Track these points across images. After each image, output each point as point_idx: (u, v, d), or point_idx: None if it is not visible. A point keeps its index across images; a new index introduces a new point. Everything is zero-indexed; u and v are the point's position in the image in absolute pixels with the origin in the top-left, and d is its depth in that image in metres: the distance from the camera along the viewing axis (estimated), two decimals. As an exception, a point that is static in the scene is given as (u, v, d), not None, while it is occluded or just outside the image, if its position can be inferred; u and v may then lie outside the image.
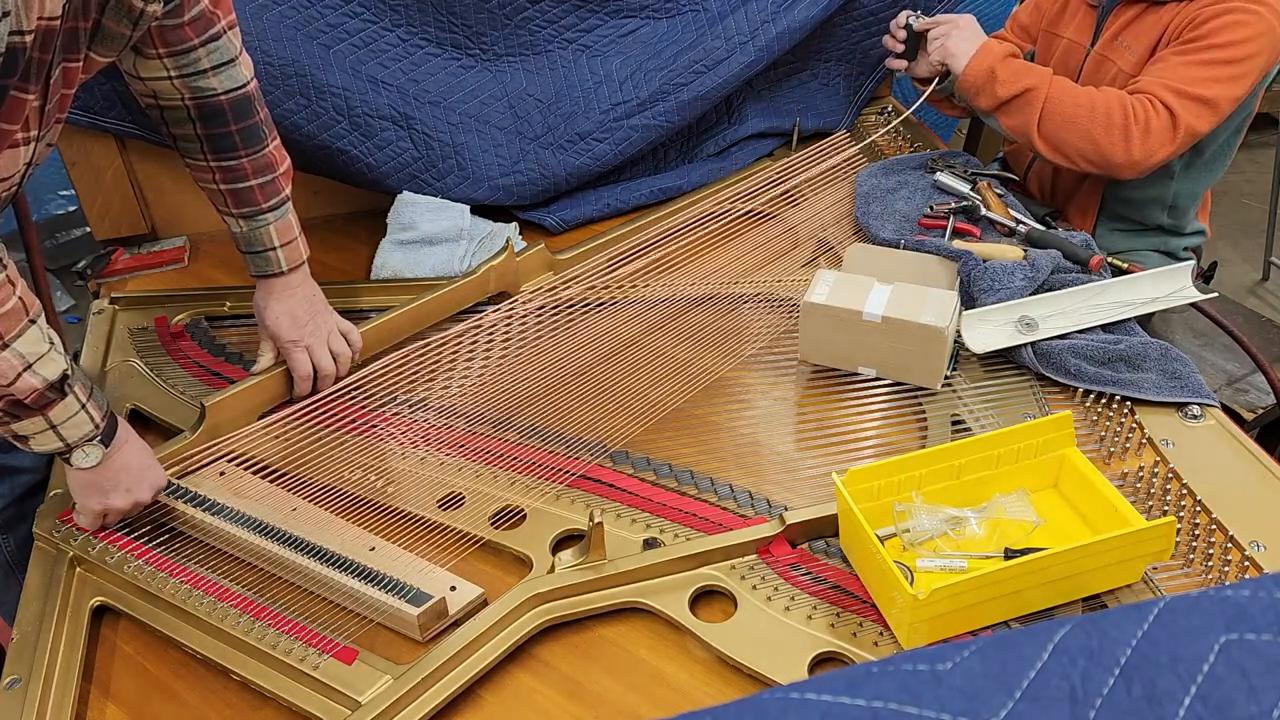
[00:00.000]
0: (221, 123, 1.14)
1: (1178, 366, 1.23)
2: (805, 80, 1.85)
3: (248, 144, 1.17)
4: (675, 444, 1.20)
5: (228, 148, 1.16)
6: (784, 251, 1.54)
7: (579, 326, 1.38)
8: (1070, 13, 1.66)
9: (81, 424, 0.98)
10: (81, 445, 0.99)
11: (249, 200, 1.19)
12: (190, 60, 1.09)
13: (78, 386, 0.98)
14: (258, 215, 1.20)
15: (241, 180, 1.18)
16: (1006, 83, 1.50)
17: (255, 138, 1.17)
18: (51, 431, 0.97)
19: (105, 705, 0.95)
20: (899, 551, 1.03)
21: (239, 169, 1.17)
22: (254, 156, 1.18)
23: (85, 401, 0.99)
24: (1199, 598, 0.37)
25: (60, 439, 0.97)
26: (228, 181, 1.18)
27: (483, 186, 1.60)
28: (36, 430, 0.96)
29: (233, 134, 1.15)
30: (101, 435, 1.00)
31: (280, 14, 1.46)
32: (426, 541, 1.06)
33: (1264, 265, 3.09)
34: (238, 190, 1.18)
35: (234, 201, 1.19)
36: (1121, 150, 1.43)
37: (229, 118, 1.14)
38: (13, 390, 0.92)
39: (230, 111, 1.14)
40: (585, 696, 0.93)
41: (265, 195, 1.20)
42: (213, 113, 1.13)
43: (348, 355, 1.26)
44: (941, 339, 1.20)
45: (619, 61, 1.66)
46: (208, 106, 1.13)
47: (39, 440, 0.97)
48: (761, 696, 0.36)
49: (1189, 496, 1.08)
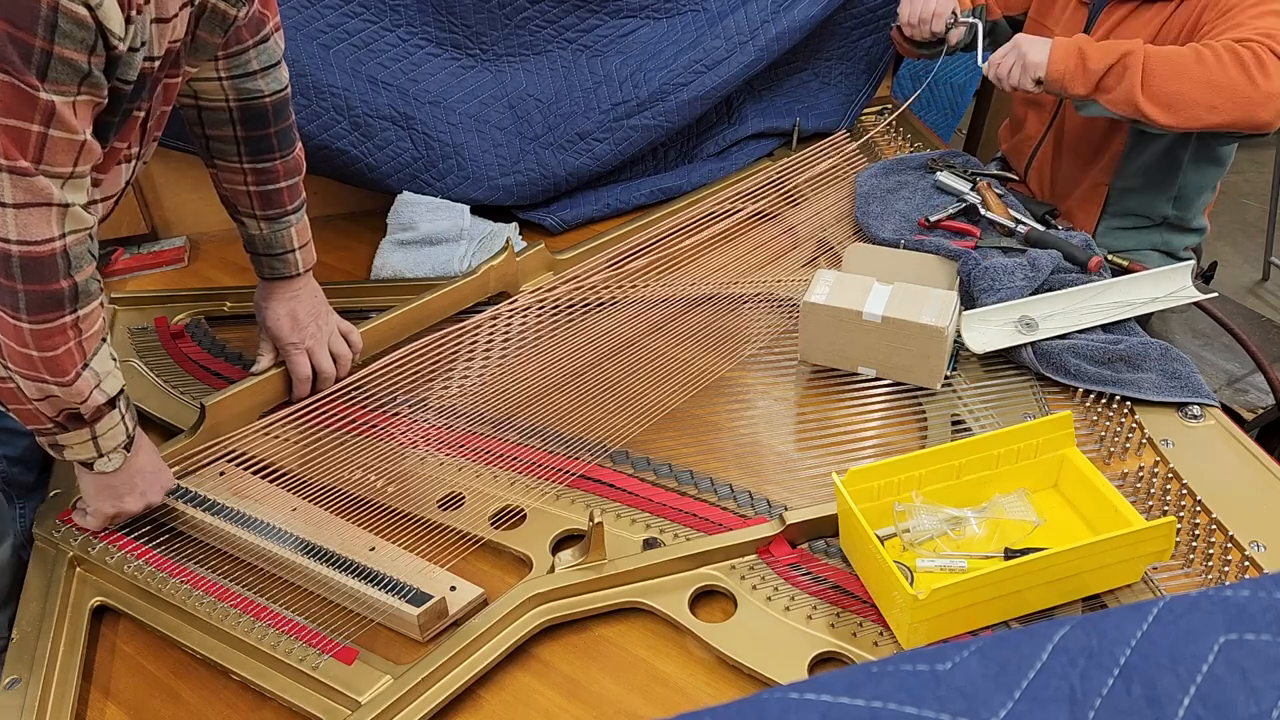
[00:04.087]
0: (263, 124, 1.15)
1: (1178, 366, 1.23)
2: (805, 80, 1.85)
3: (283, 146, 1.17)
4: (675, 444, 1.20)
5: (265, 150, 1.16)
6: (784, 251, 1.54)
7: (579, 326, 1.38)
8: (1060, 7, 1.63)
9: (118, 434, 0.99)
10: (109, 453, 0.99)
11: (277, 202, 1.19)
12: (242, 61, 1.10)
13: (123, 399, 0.99)
14: (283, 217, 1.20)
15: (273, 182, 1.18)
16: (1097, 57, 1.38)
17: (289, 140, 1.18)
18: (91, 442, 0.97)
19: (105, 705, 0.95)
20: (899, 551, 1.03)
21: (273, 171, 1.17)
22: (286, 158, 1.18)
23: (125, 413, 0.99)
24: (1199, 598, 0.37)
25: (96, 449, 0.98)
26: (260, 184, 1.18)
27: (483, 186, 1.60)
28: (78, 441, 0.96)
29: (271, 136, 1.16)
30: (128, 442, 1.01)
31: (280, 14, 1.46)
32: (426, 541, 1.06)
33: (1264, 265, 3.09)
34: (267, 192, 1.18)
35: (261, 204, 1.19)
36: (1246, 84, 1.28)
37: (270, 119, 1.15)
38: (81, 407, 0.93)
39: (272, 113, 1.14)
40: (585, 696, 0.93)
41: (291, 197, 1.20)
42: (256, 114, 1.14)
43: (348, 357, 1.26)
44: (941, 339, 1.20)
45: (619, 61, 1.66)
46: (252, 108, 1.13)
47: (75, 450, 0.97)
48: (761, 696, 0.36)
49: (1189, 496, 1.08)
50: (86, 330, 0.91)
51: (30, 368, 0.89)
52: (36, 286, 0.86)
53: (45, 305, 0.87)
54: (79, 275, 0.89)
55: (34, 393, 0.91)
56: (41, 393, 0.91)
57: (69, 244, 0.87)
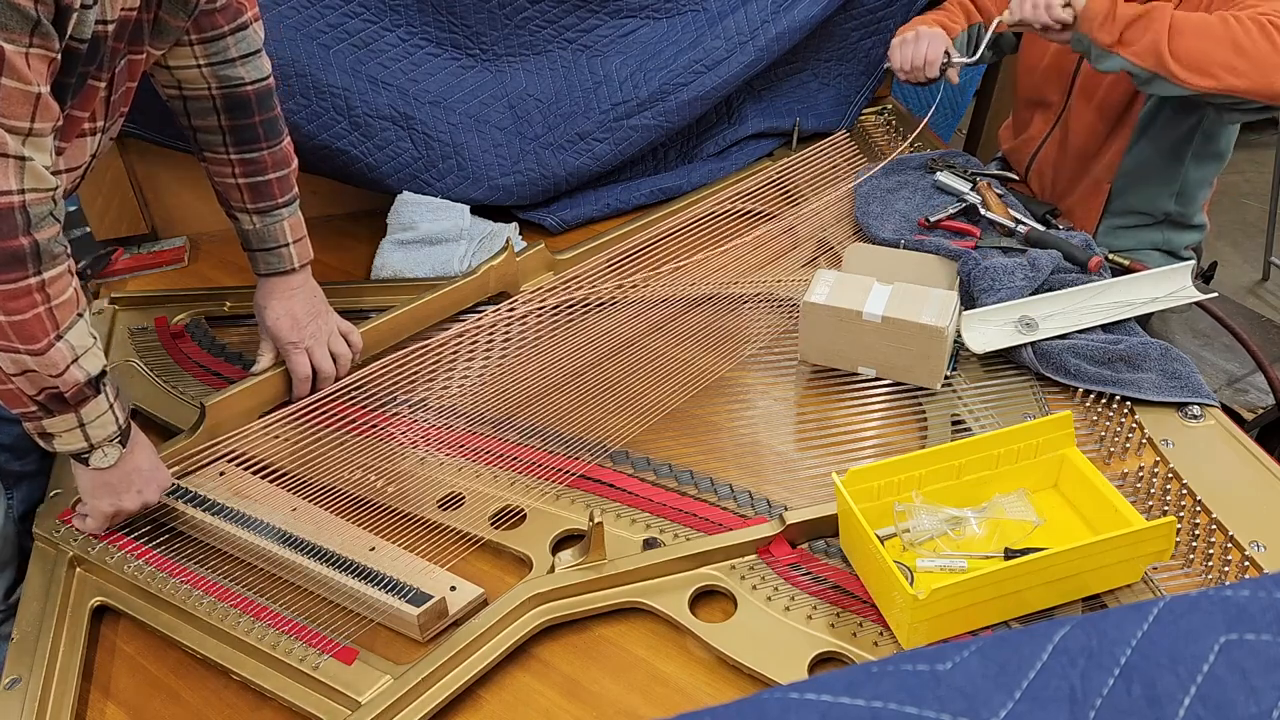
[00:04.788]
0: (246, 113, 1.15)
1: (1177, 366, 1.23)
2: (805, 80, 1.85)
3: (269, 137, 1.18)
4: (675, 444, 1.20)
5: (251, 139, 1.17)
6: (784, 251, 1.54)
7: (579, 326, 1.38)
8: None
9: (107, 424, 0.98)
10: (102, 446, 0.99)
11: (266, 194, 1.20)
12: (219, 48, 1.11)
13: (109, 384, 0.98)
14: (273, 210, 1.21)
15: (261, 174, 1.19)
16: (1126, 5, 1.39)
17: (275, 131, 1.19)
18: (80, 430, 0.96)
19: (105, 705, 0.95)
20: (899, 551, 1.03)
21: (260, 161, 1.18)
22: (273, 149, 1.19)
23: (114, 400, 0.99)
24: (1199, 598, 0.37)
25: (86, 439, 0.97)
26: (247, 175, 1.18)
27: (483, 186, 1.60)
28: (66, 428, 0.96)
29: (256, 125, 1.16)
30: (121, 435, 1.00)
31: (280, 14, 1.46)
32: (426, 541, 1.06)
33: (1264, 265, 3.09)
34: (256, 184, 1.19)
35: (251, 196, 1.19)
36: (1272, 53, 1.29)
37: (254, 108, 1.15)
38: (59, 382, 0.92)
39: (255, 102, 1.15)
40: (585, 696, 0.93)
41: (281, 190, 1.21)
42: (238, 103, 1.14)
43: (347, 357, 1.26)
44: (941, 339, 1.20)
45: (619, 61, 1.66)
46: (234, 96, 1.14)
47: (65, 439, 0.97)
48: (761, 696, 0.36)
49: (1189, 496, 1.08)
50: (56, 296, 0.90)
51: (1, 335, 0.88)
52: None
53: (6, 263, 0.86)
54: (39, 234, 0.88)
55: (10, 366, 0.90)
56: (18, 366, 0.90)
57: (28, 200, 0.86)
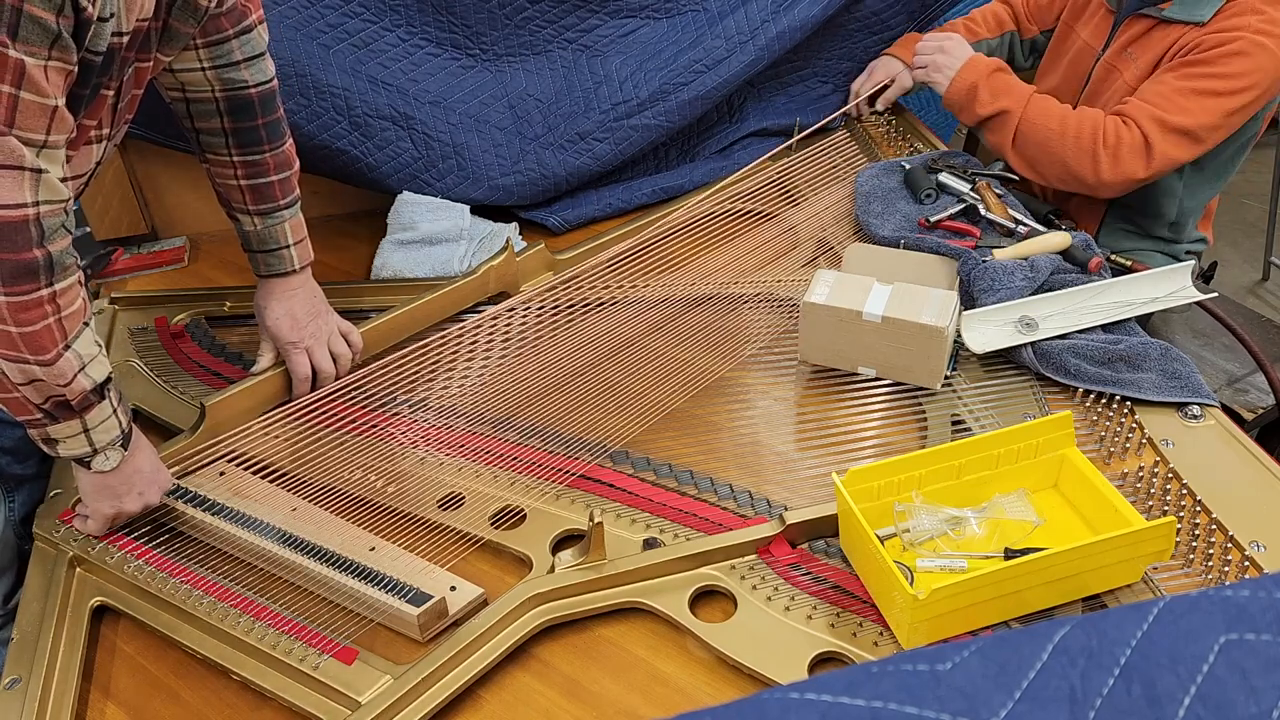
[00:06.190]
0: (250, 116, 1.15)
1: (1178, 366, 1.23)
2: (806, 79, 1.85)
3: (271, 139, 1.18)
4: (675, 444, 1.20)
5: (253, 141, 1.17)
6: (784, 251, 1.54)
7: (579, 326, 1.38)
8: (1090, 11, 1.67)
9: (111, 428, 0.98)
10: (105, 449, 0.99)
11: (269, 196, 1.20)
12: (224, 51, 1.11)
13: (113, 390, 0.98)
14: (275, 212, 1.21)
15: (263, 175, 1.19)
16: (985, 102, 1.56)
17: (278, 133, 1.19)
18: (84, 435, 0.97)
19: (105, 705, 0.95)
20: (899, 551, 1.03)
21: (262, 164, 1.18)
22: (276, 152, 1.19)
23: (117, 405, 0.99)
24: (1199, 598, 0.37)
25: (89, 444, 0.97)
26: (250, 177, 1.18)
27: (483, 186, 1.60)
28: (70, 434, 0.96)
29: (259, 128, 1.16)
30: (123, 439, 1.00)
31: (280, 14, 1.46)
32: (426, 541, 1.06)
33: (1264, 265, 3.09)
34: (258, 186, 1.19)
35: (253, 198, 1.19)
36: (1090, 171, 1.47)
37: (257, 111, 1.15)
38: (66, 391, 0.93)
39: (259, 105, 1.15)
40: (585, 696, 0.93)
41: (283, 192, 1.21)
42: (242, 105, 1.14)
43: (347, 357, 1.26)
44: (941, 339, 1.20)
45: (619, 61, 1.66)
46: (237, 99, 1.14)
47: (68, 445, 0.97)
48: (761, 696, 0.36)
49: (1189, 496, 1.08)
50: (65, 307, 0.91)
51: (10, 346, 0.88)
52: (9, 255, 0.85)
53: (19, 275, 0.86)
54: (53, 246, 0.88)
55: (18, 376, 0.90)
56: (25, 376, 0.90)
57: (42, 213, 0.87)
